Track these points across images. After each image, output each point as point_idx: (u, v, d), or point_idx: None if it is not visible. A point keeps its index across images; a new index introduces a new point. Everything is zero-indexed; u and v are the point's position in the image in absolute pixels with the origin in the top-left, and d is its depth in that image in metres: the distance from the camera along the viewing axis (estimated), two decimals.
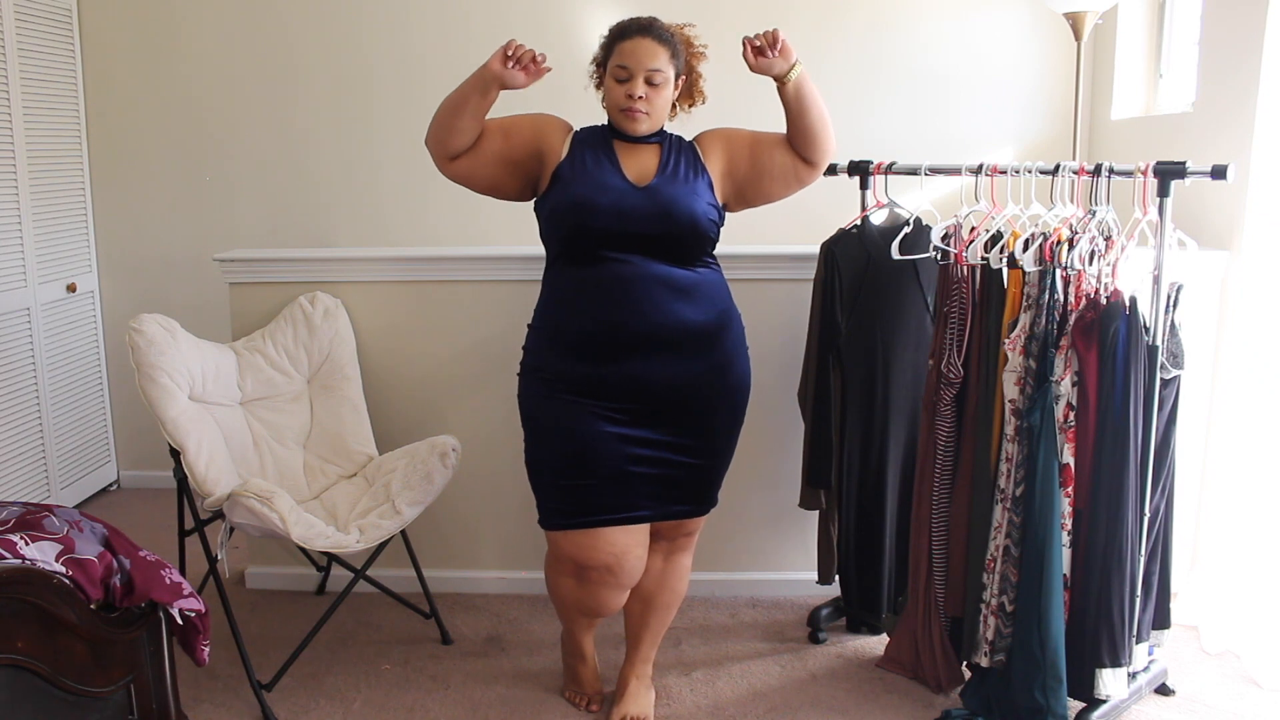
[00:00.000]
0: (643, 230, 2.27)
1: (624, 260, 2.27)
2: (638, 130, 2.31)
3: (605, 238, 2.27)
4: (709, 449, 2.41)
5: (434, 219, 4.13)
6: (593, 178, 2.29)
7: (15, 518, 1.94)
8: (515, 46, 2.25)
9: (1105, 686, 2.38)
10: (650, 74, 2.27)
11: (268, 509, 2.44)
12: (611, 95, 2.32)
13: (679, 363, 2.32)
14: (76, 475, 4.05)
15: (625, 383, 2.31)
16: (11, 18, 3.64)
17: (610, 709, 2.57)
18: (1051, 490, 2.34)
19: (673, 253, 2.31)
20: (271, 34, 4.08)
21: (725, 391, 2.40)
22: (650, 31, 2.30)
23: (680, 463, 2.37)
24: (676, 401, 2.34)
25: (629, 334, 2.28)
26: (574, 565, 2.39)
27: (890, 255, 2.64)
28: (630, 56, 2.27)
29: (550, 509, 2.38)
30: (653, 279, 2.28)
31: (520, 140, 2.36)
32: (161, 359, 2.65)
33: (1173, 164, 2.30)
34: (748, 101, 2.73)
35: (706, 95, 2.48)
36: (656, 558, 2.48)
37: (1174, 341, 2.40)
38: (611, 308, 2.28)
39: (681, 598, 2.59)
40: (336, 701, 2.64)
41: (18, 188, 3.69)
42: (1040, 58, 4.05)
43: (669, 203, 2.28)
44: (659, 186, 2.29)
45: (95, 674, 1.89)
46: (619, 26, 2.34)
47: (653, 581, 2.50)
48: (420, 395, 3.19)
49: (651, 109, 2.30)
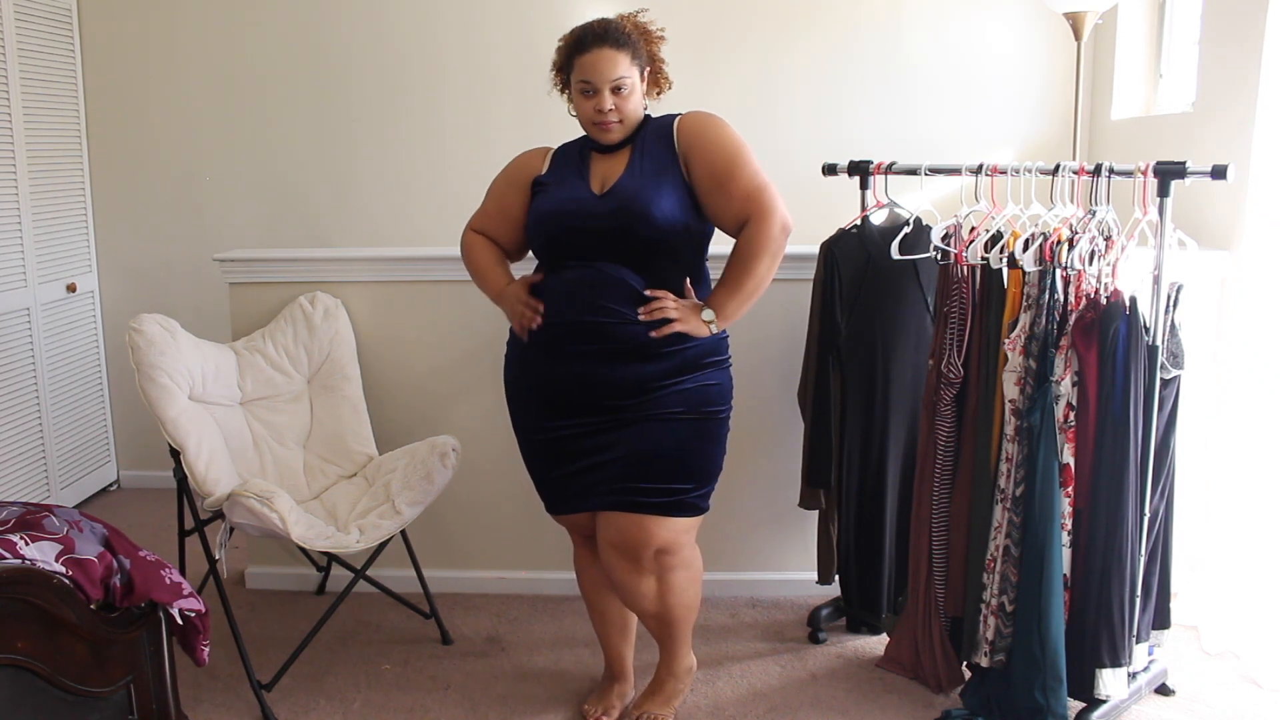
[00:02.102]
0: (598, 228, 2.23)
1: (586, 265, 2.26)
2: (612, 140, 2.31)
3: (564, 245, 2.29)
4: (659, 456, 2.30)
5: (437, 219, 4.14)
6: (560, 191, 2.33)
7: (15, 518, 1.94)
8: (531, 321, 2.31)
9: (1105, 686, 2.38)
10: (616, 83, 2.23)
11: (268, 509, 2.44)
12: (581, 110, 2.30)
13: (630, 367, 2.26)
14: (76, 475, 4.05)
15: (574, 382, 2.30)
16: (11, 18, 3.64)
17: (639, 698, 2.57)
18: (1051, 490, 2.34)
19: (637, 255, 2.24)
20: (271, 34, 4.08)
21: (682, 401, 2.29)
22: (607, 39, 2.23)
23: (615, 460, 2.30)
24: (619, 404, 2.28)
25: (581, 336, 2.26)
26: (577, 537, 2.53)
27: (890, 255, 2.64)
28: (592, 70, 2.22)
29: (541, 495, 2.50)
30: (611, 283, 2.24)
31: (515, 203, 2.42)
32: (161, 359, 2.65)
33: (1173, 164, 2.29)
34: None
35: (672, 80, 2.41)
36: (650, 580, 2.38)
37: (1174, 341, 2.40)
38: (567, 309, 2.27)
39: (695, 606, 2.47)
40: (336, 701, 2.64)
41: (18, 188, 3.69)
42: (1040, 58, 4.05)
43: (625, 201, 2.23)
44: (617, 189, 2.26)
45: (95, 674, 1.89)
46: (574, 37, 2.28)
47: (652, 605, 2.41)
48: (420, 395, 3.19)
49: (623, 116, 2.27)
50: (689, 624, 2.49)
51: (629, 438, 2.31)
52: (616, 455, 2.32)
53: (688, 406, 2.31)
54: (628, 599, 2.43)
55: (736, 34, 4.02)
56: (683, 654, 2.54)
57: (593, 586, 2.54)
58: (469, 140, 4.08)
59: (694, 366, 2.32)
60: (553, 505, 2.47)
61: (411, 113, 4.11)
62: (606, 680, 2.63)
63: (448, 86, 4.08)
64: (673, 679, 2.55)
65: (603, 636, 2.59)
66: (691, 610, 2.47)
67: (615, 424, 2.31)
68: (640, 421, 2.30)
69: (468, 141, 4.09)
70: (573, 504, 2.42)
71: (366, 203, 4.17)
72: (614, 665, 2.61)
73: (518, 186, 2.41)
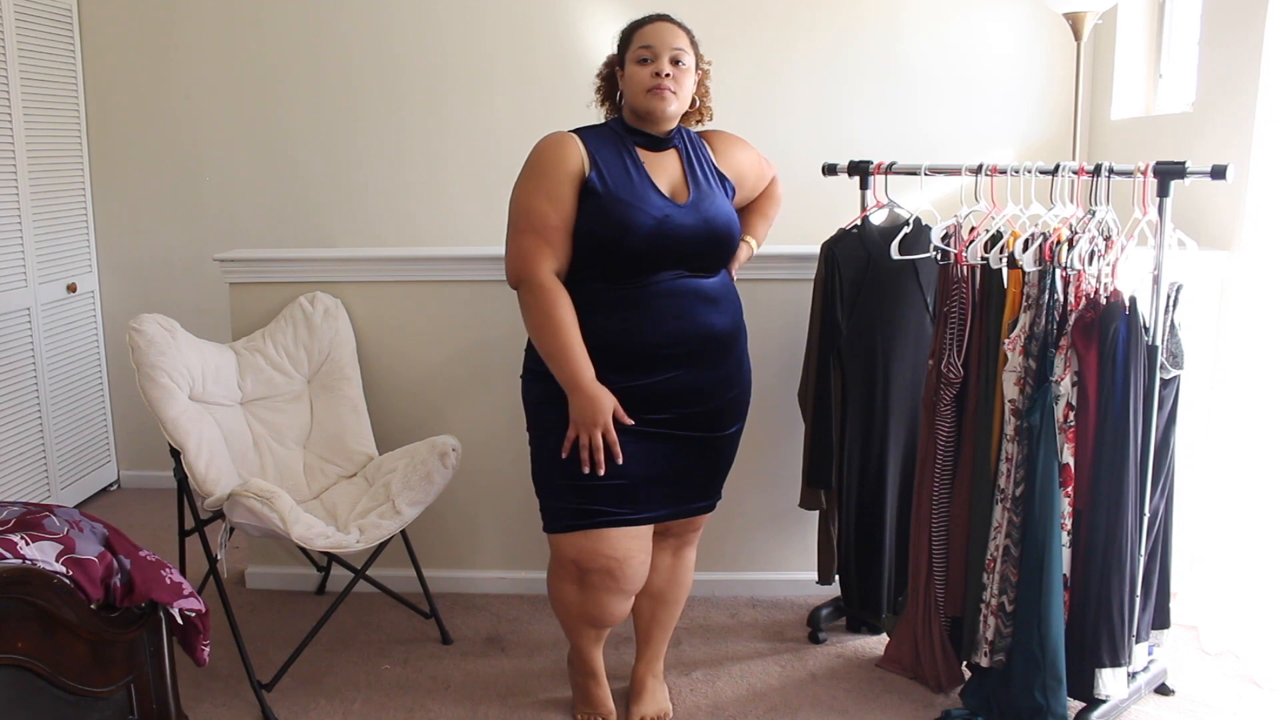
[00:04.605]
0: (686, 250, 2.25)
1: (661, 277, 2.24)
2: (666, 110, 2.24)
3: (648, 257, 2.21)
4: (719, 447, 2.42)
5: (437, 219, 4.14)
6: (629, 194, 2.21)
7: (15, 518, 1.94)
8: (594, 452, 2.21)
9: (1105, 686, 2.38)
10: (675, 53, 2.25)
11: (268, 509, 2.44)
12: (636, 79, 2.24)
13: (701, 369, 2.31)
14: (76, 475, 4.05)
15: (644, 391, 2.26)
16: (11, 18, 3.64)
17: (628, 709, 2.56)
18: (1051, 490, 2.34)
19: (708, 265, 2.31)
20: (272, 34, 4.08)
21: (739, 391, 2.42)
22: (671, 19, 2.31)
23: (692, 463, 2.37)
24: (694, 405, 2.32)
25: (660, 348, 2.25)
26: (576, 570, 2.32)
27: (890, 255, 2.64)
28: (653, 37, 2.25)
29: (555, 510, 2.31)
30: (688, 293, 2.27)
31: (572, 211, 2.21)
32: (161, 359, 2.65)
33: (1173, 164, 2.29)
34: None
35: (713, 111, 2.45)
36: (665, 555, 2.49)
37: (1174, 341, 2.40)
38: (646, 324, 2.23)
39: (688, 590, 2.59)
40: (336, 701, 2.64)
41: (18, 188, 3.69)
42: (1040, 58, 4.05)
43: (711, 218, 2.28)
44: (697, 202, 2.28)
45: (95, 674, 1.89)
46: (635, 20, 2.33)
47: (663, 579, 2.50)
48: (420, 395, 3.19)
49: (679, 88, 2.25)
50: (681, 608, 2.61)
51: (708, 441, 2.39)
52: (699, 460, 2.40)
53: (744, 400, 2.47)
54: None
55: (737, 34, 4.02)
56: (664, 651, 2.63)
57: (584, 619, 2.42)
58: (470, 140, 4.08)
59: (745, 355, 2.45)
60: (590, 516, 2.28)
61: (412, 113, 4.11)
62: (590, 681, 2.54)
63: (449, 86, 4.08)
64: (654, 679, 2.60)
65: (586, 651, 2.51)
66: (688, 591, 2.59)
67: (693, 429, 2.35)
68: (714, 424, 2.39)
69: (469, 141, 4.09)
70: (625, 515, 2.30)
71: (367, 203, 4.17)
72: (594, 667, 2.54)
73: (572, 189, 2.20)
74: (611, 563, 2.28)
